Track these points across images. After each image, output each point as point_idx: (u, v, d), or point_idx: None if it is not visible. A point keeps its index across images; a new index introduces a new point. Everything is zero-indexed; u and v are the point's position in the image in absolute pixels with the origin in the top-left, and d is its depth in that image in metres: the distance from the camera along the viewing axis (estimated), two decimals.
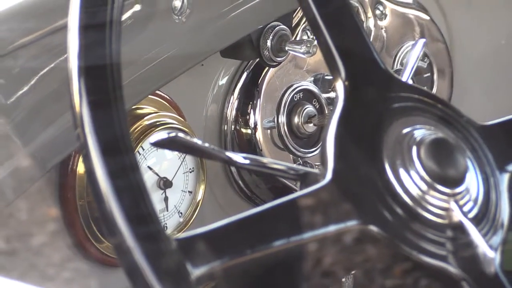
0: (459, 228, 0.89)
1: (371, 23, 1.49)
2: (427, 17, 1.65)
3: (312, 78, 1.40)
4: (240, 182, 1.43)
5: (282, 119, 1.37)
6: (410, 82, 1.08)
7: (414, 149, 0.90)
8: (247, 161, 1.01)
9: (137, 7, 1.08)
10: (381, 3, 1.53)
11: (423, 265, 0.89)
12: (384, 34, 1.52)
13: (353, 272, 1.08)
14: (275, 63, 1.30)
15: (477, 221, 0.90)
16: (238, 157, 0.99)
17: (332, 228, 0.87)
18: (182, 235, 0.80)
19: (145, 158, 1.23)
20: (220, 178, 1.42)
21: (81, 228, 1.24)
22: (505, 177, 0.98)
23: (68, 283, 1.12)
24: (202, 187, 1.28)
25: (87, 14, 0.85)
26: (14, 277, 0.91)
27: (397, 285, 0.95)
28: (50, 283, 1.10)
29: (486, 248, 0.86)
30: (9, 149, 1.10)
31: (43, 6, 1.13)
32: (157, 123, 1.19)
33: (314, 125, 1.37)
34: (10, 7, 1.10)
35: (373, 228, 0.86)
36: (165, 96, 1.23)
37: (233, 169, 1.41)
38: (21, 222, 1.16)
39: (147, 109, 1.19)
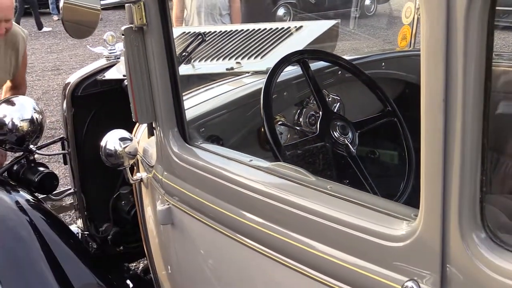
0: (340, 143, 1.93)
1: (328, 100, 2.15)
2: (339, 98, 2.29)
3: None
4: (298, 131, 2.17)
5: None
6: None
7: (337, 126, 1.96)
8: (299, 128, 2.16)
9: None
10: (328, 95, 2.19)
11: (337, 153, 1.94)
12: (330, 102, 2.18)
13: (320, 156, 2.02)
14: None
15: (350, 142, 1.94)
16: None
17: (318, 145, 1.95)
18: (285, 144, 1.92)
19: (278, 129, 2.03)
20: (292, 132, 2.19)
21: (262, 141, 2.10)
22: (357, 134, 1.99)
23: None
24: (290, 135, 2.15)
25: (267, 89, 1.90)
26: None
27: (331, 157, 1.99)
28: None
29: (352, 148, 1.95)
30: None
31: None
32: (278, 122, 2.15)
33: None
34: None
35: (327, 144, 1.95)
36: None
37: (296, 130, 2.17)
38: (250, 143, 2.09)
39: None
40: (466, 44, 0.93)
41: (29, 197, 2.47)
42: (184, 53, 2.55)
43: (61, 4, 1.87)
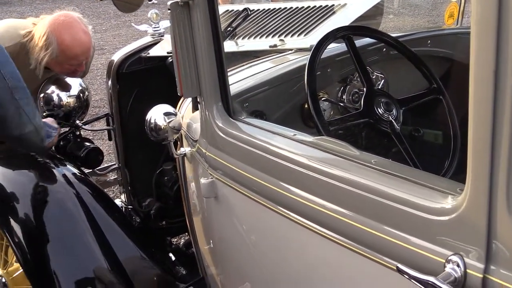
0: (384, 120, 1.90)
1: (373, 78, 2.12)
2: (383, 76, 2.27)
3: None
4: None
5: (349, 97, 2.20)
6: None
7: (381, 103, 1.95)
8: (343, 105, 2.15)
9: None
10: (373, 73, 2.19)
11: (381, 130, 1.92)
12: (374, 80, 2.16)
13: (363, 133, 1.99)
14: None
15: (394, 119, 1.91)
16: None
17: (361, 121, 1.94)
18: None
19: (321, 106, 1.99)
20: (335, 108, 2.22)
21: (306, 117, 2.10)
22: (402, 110, 1.97)
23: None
24: (334, 111, 2.12)
25: (311, 65, 1.88)
26: None
27: (375, 134, 1.96)
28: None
29: (396, 125, 1.90)
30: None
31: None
32: (321, 98, 2.10)
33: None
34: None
35: (371, 120, 1.92)
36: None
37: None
38: (293, 119, 2.08)
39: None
40: None
41: (75, 171, 2.55)
42: (229, 28, 2.55)
43: None
